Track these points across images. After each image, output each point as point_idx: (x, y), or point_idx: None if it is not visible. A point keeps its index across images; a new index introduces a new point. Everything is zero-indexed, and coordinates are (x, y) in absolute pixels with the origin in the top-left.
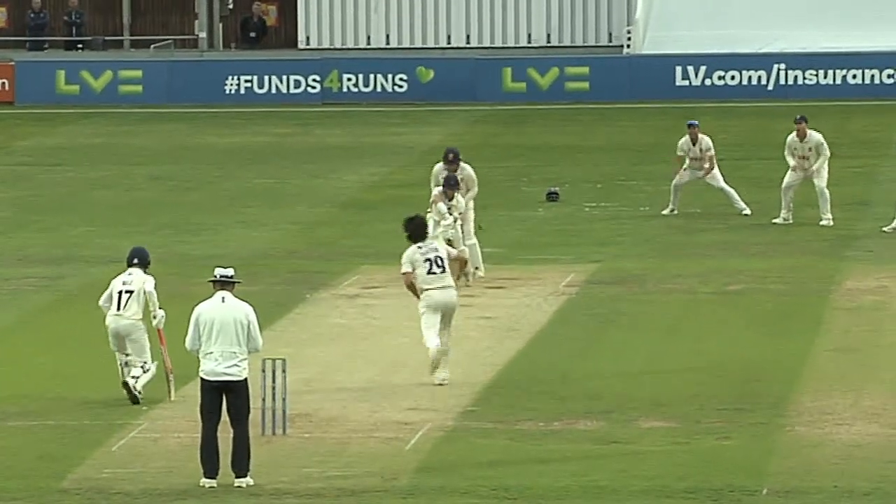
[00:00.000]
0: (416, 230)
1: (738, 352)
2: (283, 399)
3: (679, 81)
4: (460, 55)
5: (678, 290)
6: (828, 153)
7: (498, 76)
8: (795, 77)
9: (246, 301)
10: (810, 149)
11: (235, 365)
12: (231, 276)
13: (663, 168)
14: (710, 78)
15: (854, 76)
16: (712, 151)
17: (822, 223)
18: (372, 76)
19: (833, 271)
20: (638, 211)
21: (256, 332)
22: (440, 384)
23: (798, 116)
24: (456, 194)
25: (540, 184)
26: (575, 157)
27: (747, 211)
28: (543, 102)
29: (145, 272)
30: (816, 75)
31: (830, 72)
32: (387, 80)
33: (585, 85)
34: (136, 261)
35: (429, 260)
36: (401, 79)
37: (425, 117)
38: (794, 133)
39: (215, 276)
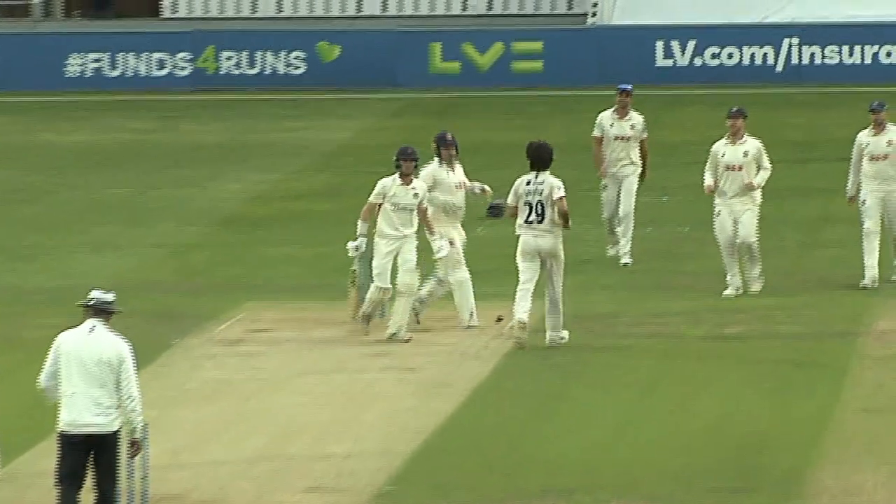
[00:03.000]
0: (534, 155)
1: (737, 414)
2: (144, 477)
3: (660, 61)
4: (375, 27)
5: (660, 334)
6: (769, 167)
7: (424, 54)
8: (812, 55)
9: (122, 336)
10: (745, 153)
11: (103, 413)
12: (109, 303)
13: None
14: (701, 56)
15: (889, 53)
16: (646, 135)
17: (752, 288)
18: (259, 54)
19: (861, 308)
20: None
21: (131, 376)
22: (552, 344)
23: (733, 109)
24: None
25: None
26: (525, 158)
27: (627, 260)
28: (484, 88)
29: None
30: (839, 52)
31: (857, 48)
32: (278, 59)
33: (538, 65)
34: None
35: (529, 204)
36: (297, 58)
37: (329, 108)
38: (726, 136)
39: (89, 300)
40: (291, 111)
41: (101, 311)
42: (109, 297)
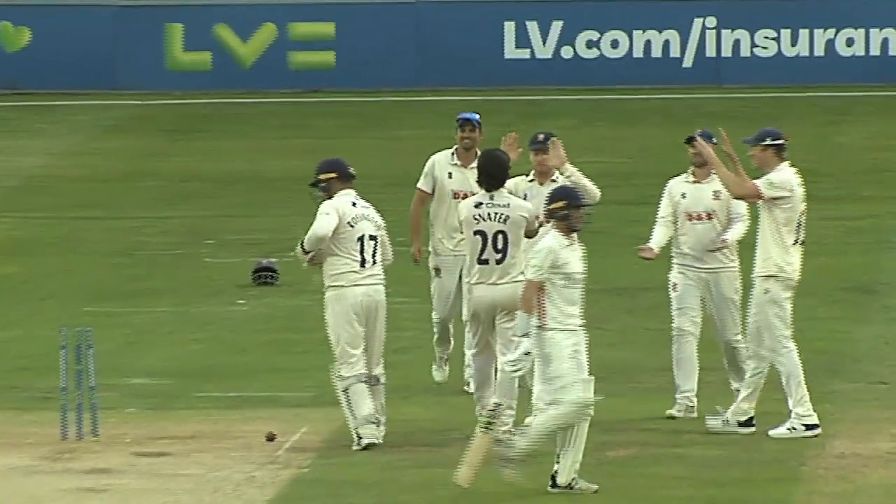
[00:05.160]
0: (482, 165)
1: None
2: None
3: (511, 52)
4: (83, 0)
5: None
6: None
7: (158, 41)
8: (736, 44)
9: None
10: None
11: None
12: None
13: None
14: (572, 45)
15: (849, 41)
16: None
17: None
18: None
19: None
20: (429, 301)
21: None
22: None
23: (539, 136)
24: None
25: (240, 250)
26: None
27: (469, 389)
28: (247, 91)
29: None
30: (777, 39)
31: (803, 34)
32: None
33: (328, 58)
34: None
35: (482, 234)
36: None
37: (15, 121)
38: (532, 173)
39: None
40: None
41: None
42: None
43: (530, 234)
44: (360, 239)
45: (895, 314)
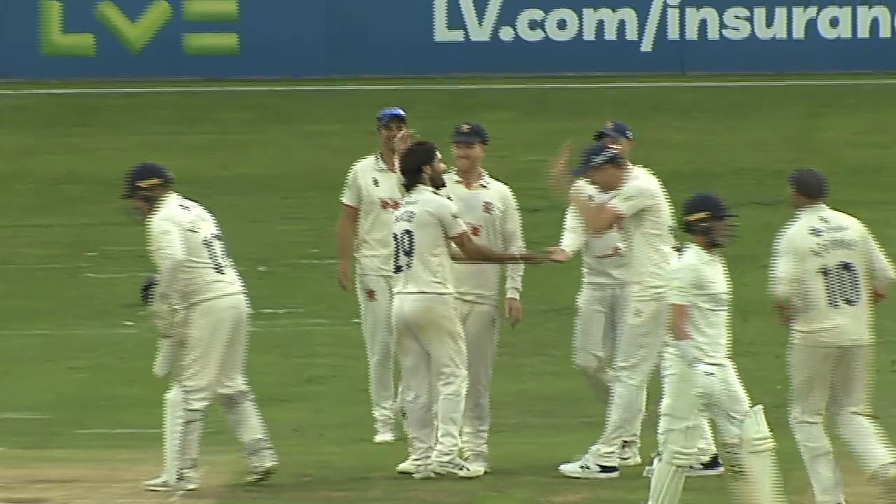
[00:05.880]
0: (405, 162)
1: None
2: None
3: (442, 34)
4: None
5: None
6: (519, 243)
7: (32, 21)
8: (702, 24)
9: None
10: (488, 207)
11: None
12: None
13: None
14: (512, 26)
15: (834, 21)
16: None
17: (463, 469)
18: None
19: (798, 459)
20: (348, 322)
21: None
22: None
23: (462, 127)
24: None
25: (127, 263)
26: (217, 199)
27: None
28: (138, 80)
29: None
30: (749, 19)
31: (780, 13)
32: None
33: (231, 41)
34: None
35: (395, 237)
36: None
37: None
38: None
39: None
40: None
41: None
42: None
43: (457, 242)
44: (206, 243)
45: (885, 339)
